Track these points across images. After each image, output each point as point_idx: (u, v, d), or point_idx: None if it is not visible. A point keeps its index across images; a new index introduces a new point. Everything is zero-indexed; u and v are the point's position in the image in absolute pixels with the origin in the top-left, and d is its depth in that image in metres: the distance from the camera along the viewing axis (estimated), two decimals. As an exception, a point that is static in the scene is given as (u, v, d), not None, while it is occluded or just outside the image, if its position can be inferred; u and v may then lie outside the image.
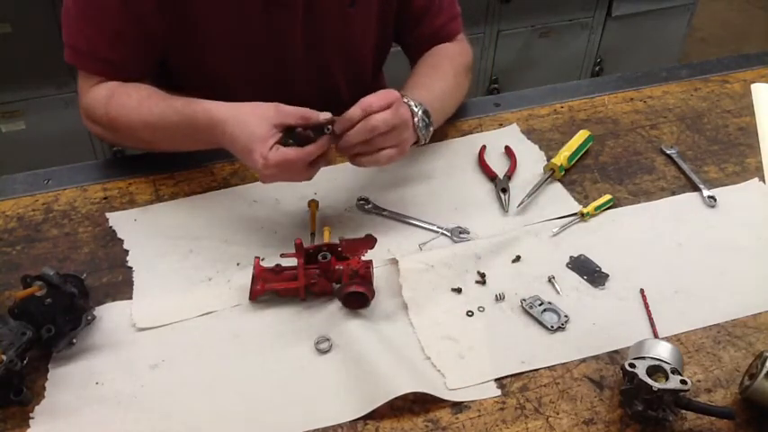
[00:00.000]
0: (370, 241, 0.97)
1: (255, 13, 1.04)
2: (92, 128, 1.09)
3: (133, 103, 1.03)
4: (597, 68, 2.65)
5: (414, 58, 1.22)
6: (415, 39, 1.21)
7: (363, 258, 0.91)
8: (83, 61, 1.05)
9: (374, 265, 0.95)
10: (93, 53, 1.03)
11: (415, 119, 0.98)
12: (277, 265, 0.90)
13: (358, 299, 0.88)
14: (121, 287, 0.93)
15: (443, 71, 1.14)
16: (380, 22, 1.17)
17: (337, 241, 0.93)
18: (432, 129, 1.02)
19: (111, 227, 1.02)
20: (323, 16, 1.09)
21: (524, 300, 0.91)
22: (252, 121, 0.91)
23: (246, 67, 1.11)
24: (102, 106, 1.04)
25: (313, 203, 1.03)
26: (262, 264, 0.91)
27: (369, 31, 1.17)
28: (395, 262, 0.95)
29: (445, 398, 0.80)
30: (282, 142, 0.89)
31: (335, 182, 1.09)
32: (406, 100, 0.98)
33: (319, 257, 0.88)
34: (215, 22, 1.04)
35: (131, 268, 0.96)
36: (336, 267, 0.89)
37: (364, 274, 0.87)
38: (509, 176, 1.10)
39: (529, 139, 1.19)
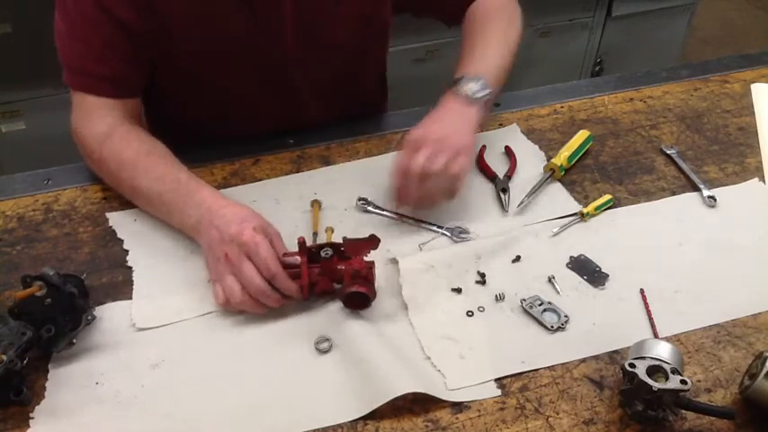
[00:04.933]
0: (373, 242, 0.95)
1: (233, 13, 1.03)
2: (81, 150, 1.08)
3: (129, 154, 1.01)
4: (597, 68, 2.65)
5: (451, 23, 1.24)
6: (448, 6, 1.21)
7: (366, 259, 0.90)
8: (76, 80, 1.04)
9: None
10: (86, 71, 1.03)
11: (467, 93, 1.02)
12: (288, 264, 0.89)
13: (359, 299, 0.87)
14: (121, 287, 0.93)
15: (493, 34, 1.14)
16: (362, 22, 1.15)
17: (340, 241, 0.93)
18: (491, 90, 1.04)
19: (111, 227, 1.02)
20: (311, 17, 1.07)
21: (524, 300, 0.91)
22: (237, 205, 0.93)
23: (238, 73, 1.11)
24: (97, 143, 1.03)
25: (316, 204, 1.03)
26: None
27: (360, 31, 1.16)
28: (395, 262, 0.95)
29: (445, 398, 0.80)
30: None
31: (336, 182, 1.09)
32: (453, 80, 1.03)
33: (322, 254, 0.87)
34: (192, 24, 1.03)
35: (131, 268, 0.96)
36: (338, 267, 0.88)
37: (366, 275, 0.87)
38: (509, 176, 1.10)
39: (529, 139, 1.19)
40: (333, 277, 0.88)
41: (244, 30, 1.05)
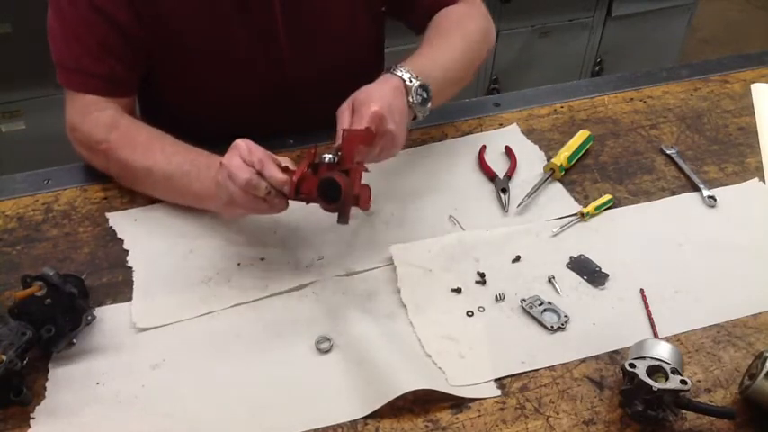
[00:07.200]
0: (369, 133, 0.89)
1: (230, 12, 1.04)
2: (78, 149, 1.08)
3: (143, 138, 1.02)
4: (597, 68, 2.65)
5: (417, 27, 1.18)
6: (417, 8, 1.17)
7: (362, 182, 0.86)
8: (71, 79, 1.04)
9: (374, 266, 0.95)
10: (80, 69, 1.03)
11: (410, 97, 0.95)
12: (286, 167, 0.87)
13: (332, 192, 0.83)
14: (121, 287, 0.93)
15: (450, 39, 1.09)
16: (367, 19, 1.16)
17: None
18: (430, 104, 0.98)
19: (111, 227, 1.02)
20: (303, 17, 1.08)
21: (524, 300, 0.91)
22: None
23: (237, 73, 1.11)
24: (102, 134, 1.03)
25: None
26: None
27: (356, 31, 1.16)
28: (394, 265, 0.95)
29: (447, 392, 0.80)
30: None
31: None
32: (400, 73, 0.96)
33: (325, 158, 0.85)
34: (190, 23, 1.03)
35: (131, 268, 0.96)
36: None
37: (352, 178, 0.84)
38: (509, 176, 1.10)
39: (529, 139, 1.19)
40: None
41: (240, 29, 1.06)
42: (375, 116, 0.90)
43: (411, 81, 0.96)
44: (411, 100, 0.95)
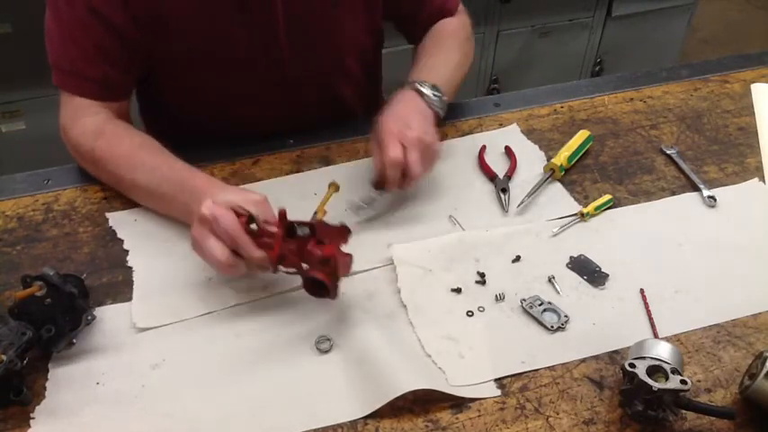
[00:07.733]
0: (343, 231, 0.87)
1: (230, 12, 1.04)
2: (71, 152, 1.08)
3: (124, 149, 1.01)
4: (597, 68, 2.65)
5: (415, 38, 1.25)
6: (418, 21, 1.24)
7: (344, 250, 0.86)
8: (66, 81, 1.04)
9: (374, 266, 0.95)
10: (76, 72, 1.03)
11: (425, 98, 1.06)
12: (259, 229, 0.86)
13: (319, 287, 0.84)
14: (121, 287, 0.93)
15: (449, 48, 1.20)
16: (367, 20, 1.17)
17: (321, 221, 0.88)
18: (446, 99, 1.09)
19: (111, 227, 1.02)
20: (304, 17, 1.08)
21: (524, 300, 0.91)
22: (230, 189, 0.93)
23: (237, 73, 1.11)
24: (89, 141, 1.03)
25: (333, 186, 0.95)
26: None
27: (356, 32, 1.17)
28: (392, 263, 0.95)
29: (447, 392, 0.80)
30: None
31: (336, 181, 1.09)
32: (414, 84, 1.06)
33: (299, 232, 0.85)
34: (190, 23, 1.03)
35: (131, 268, 0.96)
36: (310, 249, 0.85)
37: (334, 265, 0.84)
38: (509, 176, 1.10)
39: (529, 139, 1.19)
40: (303, 257, 0.85)
41: (240, 29, 1.06)
42: (393, 137, 0.98)
43: (422, 86, 1.06)
44: (427, 100, 1.05)
